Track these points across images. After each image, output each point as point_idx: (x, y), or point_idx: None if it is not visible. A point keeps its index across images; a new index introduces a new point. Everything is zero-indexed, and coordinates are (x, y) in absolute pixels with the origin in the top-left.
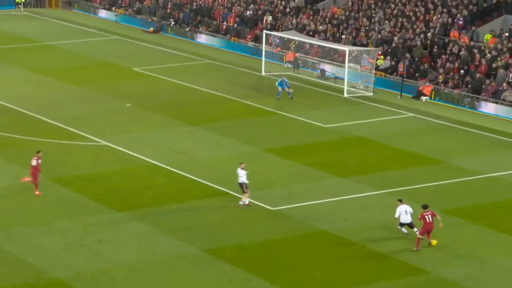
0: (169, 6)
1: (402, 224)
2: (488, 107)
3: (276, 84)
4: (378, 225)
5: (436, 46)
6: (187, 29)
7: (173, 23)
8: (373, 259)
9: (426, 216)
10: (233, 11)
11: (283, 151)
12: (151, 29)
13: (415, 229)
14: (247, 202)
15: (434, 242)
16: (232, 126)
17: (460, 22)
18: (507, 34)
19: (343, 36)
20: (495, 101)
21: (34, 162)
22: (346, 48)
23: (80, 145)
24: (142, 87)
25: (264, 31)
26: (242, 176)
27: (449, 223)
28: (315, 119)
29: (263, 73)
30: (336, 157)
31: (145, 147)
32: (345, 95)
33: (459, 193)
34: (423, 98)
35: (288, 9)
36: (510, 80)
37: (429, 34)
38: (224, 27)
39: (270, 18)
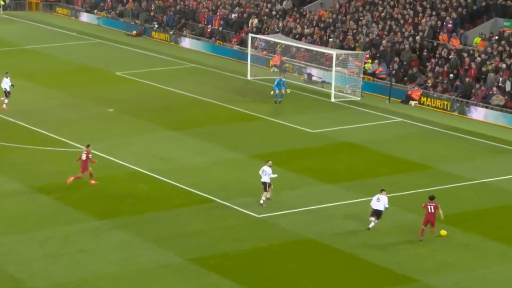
0: (152, 9)
1: (373, 212)
2: (478, 112)
3: (273, 86)
4: (366, 232)
5: (425, 50)
6: (171, 32)
7: (156, 26)
8: (361, 268)
9: (428, 206)
10: (218, 14)
11: (269, 157)
12: (134, 32)
13: (374, 219)
14: (266, 198)
15: (443, 232)
16: (217, 131)
17: (449, 25)
18: (497, 37)
19: (330, 40)
20: (484, 105)
21: (84, 156)
22: (333, 52)
23: (61, 152)
24: (124, 92)
25: (250, 35)
26: (267, 174)
27: (438, 230)
28: (301, 124)
29: (249, 77)
30: (324, 163)
31: (127, 153)
32: (333, 99)
33: (448, 199)
34: (412, 102)
35: (274, 12)
36: (500, 85)
37: (417, 38)
38: (208, 30)
39: (255, 21)
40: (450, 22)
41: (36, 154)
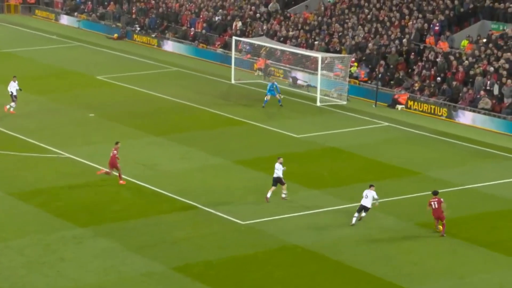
0: (134, 12)
1: (360, 207)
2: (466, 116)
3: (266, 91)
4: (353, 239)
5: (412, 53)
6: (153, 35)
7: (138, 29)
8: (348, 275)
9: (432, 203)
10: (201, 16)
11: (254, 163)
12: (115, 35)
13: (357, 215)
14: (284, 194)
15: (440, 228)
16: (200, 136)
17: (436, 28)
18: (484, 40)
19: (315, 43)
20: (472, 109)
21: (112, 153)
22: (319, 55)
23: (41, 158)
24: (106, 96)
25: (234, 37)
26: (279, 170)
27: (425, 237)
28: (286, 129)
29: (233, 81)
30: (309, 169)
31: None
32: (318, 103)
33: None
34: (399, 106)
35: (258, 15)
36: (488, 88)
37: (404, 40)
38: (191, 33)
39: (239, 23)
40: (437, 24)
41: (15, 160)
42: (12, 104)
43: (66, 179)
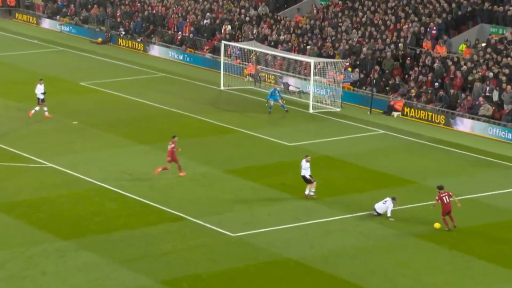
0: (118, 15)
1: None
2: (464, 124)
3: (267, 97)
4: (347, 252)
5: (408, 58)
6: (139, 40)
7: (123, 33)
8: None
9: (444, 198)
10: (188, 20)
11: (244, 172)
12: (99, 39)
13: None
14: (313, 192)
15: (437, 225)
16: (188, 145)
17: (433, 32)
18: (483, 44)
19: (307, 47)
20: (471, 116)
21: (170, 147)
22: (311, 60)
23: (22, 167)
24: (90, 103)
25: (223, 42)
26: (306, 169)
27: (423, 249)
28: (278, 136)
29: (222, 87)
30: (301, 178)
31: (93, 169)
32: (311, 110)
33: (433, 216)
34: (395, 113)
35: (248, 18)
36: (487, 94)
37: (400, 45)
38: (179, 37)
39: (229, 27)
40: (434, 28)
41: None
42: (36, 108)
43: (48, 190)
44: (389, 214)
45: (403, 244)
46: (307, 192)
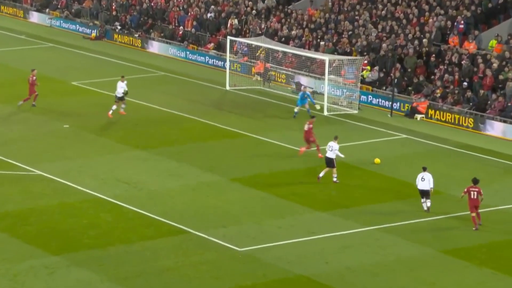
0: (114, 8)
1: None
2: (495, 128)
3: (297, 102)
4: (366, 268)
5: (432, 55)
6: (136, 35)
7: (119, 27)
8: None
9: (472, 192)
10: (190, 13)
11: (252, 180)
12: (93, 35)
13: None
14: (335, 177)
15: (377, 160)
16: (191, 150)
17: (461, 26)
18: None
19: (321, 43)
20: (502, 120)
21: (306, 127)
22: (326, 57)
23: (8, 175)
24: (82, 105)
25: (228, 37)
26: (333, 150)
27: (450, 266)
28: (289, 141)
29: (228, 87)
30: (315, 188)
31: (86, 177)
32: (325, 113)
33: (461, 230)
34: (418, 116)
35: (254, 11)
36: None
37: (424, 41)
38: (180, 32)
39: (235, 21)
40: (462, 22)
41: None
42: (113, 107)
43: (36, 199)
44: (432, 185)
45: (428, 261)
46: (321, 174)
